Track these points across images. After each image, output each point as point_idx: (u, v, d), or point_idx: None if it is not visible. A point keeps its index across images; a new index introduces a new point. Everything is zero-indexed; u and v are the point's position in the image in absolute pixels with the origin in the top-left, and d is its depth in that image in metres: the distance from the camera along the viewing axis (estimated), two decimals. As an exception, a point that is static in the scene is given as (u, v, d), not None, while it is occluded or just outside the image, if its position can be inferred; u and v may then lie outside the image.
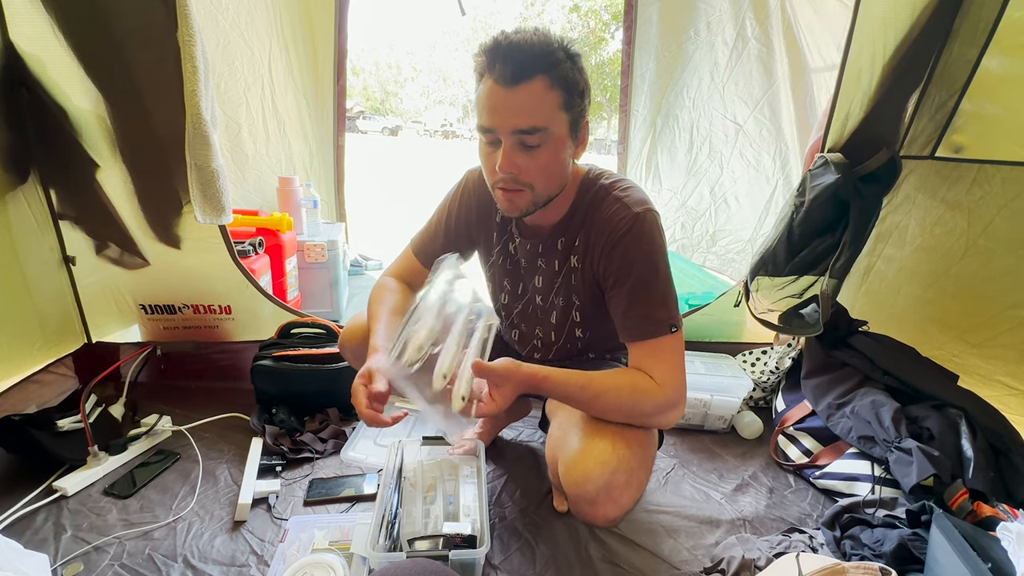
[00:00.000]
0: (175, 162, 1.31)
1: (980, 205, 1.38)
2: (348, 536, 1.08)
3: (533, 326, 1.14)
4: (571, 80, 0.84)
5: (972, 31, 1.28)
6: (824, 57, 1.93)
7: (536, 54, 0.81)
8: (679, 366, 0.91)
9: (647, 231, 0.91)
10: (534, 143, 0.85)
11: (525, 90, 0.81)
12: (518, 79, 0.81)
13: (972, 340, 1.47)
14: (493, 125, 0.85)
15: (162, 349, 1.66)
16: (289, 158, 2.62)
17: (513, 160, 0.86)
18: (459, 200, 1.11)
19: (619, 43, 3.26)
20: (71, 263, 1.48)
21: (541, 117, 0.83)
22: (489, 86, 0.83)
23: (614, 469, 0.85)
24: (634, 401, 0.89)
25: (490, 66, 0.83)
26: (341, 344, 1.23)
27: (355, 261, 3.18)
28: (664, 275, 0.92)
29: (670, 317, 0.90)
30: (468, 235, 1.12)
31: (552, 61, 0.82)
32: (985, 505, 1.09)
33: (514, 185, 0.89)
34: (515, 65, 0.81)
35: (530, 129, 0.84)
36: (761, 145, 2.28)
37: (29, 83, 1.25)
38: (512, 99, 0.82)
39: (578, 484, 0.87)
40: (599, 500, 0.86)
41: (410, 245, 1.17)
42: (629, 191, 0.94)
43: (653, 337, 0.90)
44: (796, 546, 1.10)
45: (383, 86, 30.53)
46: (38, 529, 1.08)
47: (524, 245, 1.06)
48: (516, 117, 0.83)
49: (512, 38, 0.81)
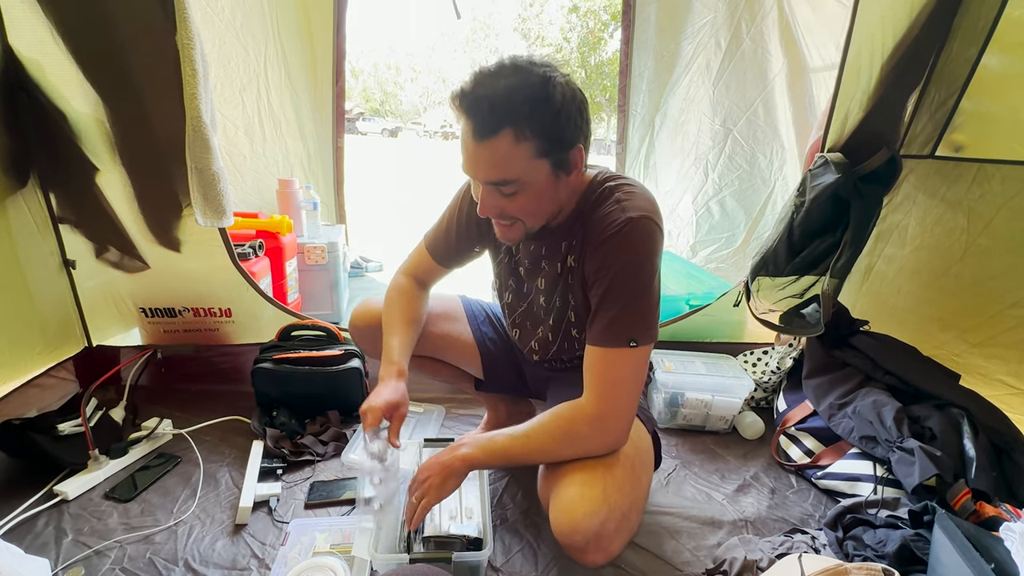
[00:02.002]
0: (174, 165, 1.31)
1: (980, 204, 1.38)
2: (349, 539, 1.07)
3: (535, 326, 1.14)
4: (547, 126, 0.79)
5: (971, 29, 1.28)
6: (823, 56, 1.93)
7: (499, 109, 0.77)
8: (623, 381, 0.87)
9: (635, 238, 0.86)
10: (509, 192, 0.84)
11: (491, 146, 0.79)
12: (483, 135, 0.79)
13: (973, 339, 1.46)
14: (467, 172, 0.87)
15: (162, 352, 1.66)
16: (288, 160, 2.62)
17: (492, 203, 0.86)
18: (469, 199, 1.11)
19: (618, 43, 3.24)
20: (71, 267, 1.48)
21: (510, 171, 0.81)
22: (463, 132, 0.82)
23: (603, 519, 0.82)
24: (569, 431, 0.88)
25: (461, 112, 0.81)
26: (352, 324, 1.27)
27: (355, 263, 3.18)
28: (642, 285, 0.87)
29: (633, 330, 0.85)
30: (478, 232, 1.11)
31: (518, 115, 0.77)
32: (988, 505, 1.09)
33: (503, 220, 0.90)
34: (477, 121, 0.78)
35: (500, 182, 0.83)
36: (755, 146, 2.28)
37: (28, 87, 1.25)
38: (480, 153, 0.81)
39: (567, 536, 0.83)
40: (588, 549, 0.84)
41: (423, 241, 1.18)
42: (632, 196, 0.90)
43: (607, 346, 0.87)
44: (798, 547, 1.09)
45: (382, 87, 30.52)
46: (39, 533, 1.08)
47: (528, 246, 1.06)
48: (485, 171, 0.83)
49: (477, 90, 0.78)
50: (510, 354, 1.29)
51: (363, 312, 1.25)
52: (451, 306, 1.30)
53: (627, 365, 0.87)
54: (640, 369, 0.88)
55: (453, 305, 1.31)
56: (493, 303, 1.34)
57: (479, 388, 1.37)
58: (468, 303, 1.33)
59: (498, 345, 1.29)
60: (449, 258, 1.16)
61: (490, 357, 1.28)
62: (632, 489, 0.89)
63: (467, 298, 1.35)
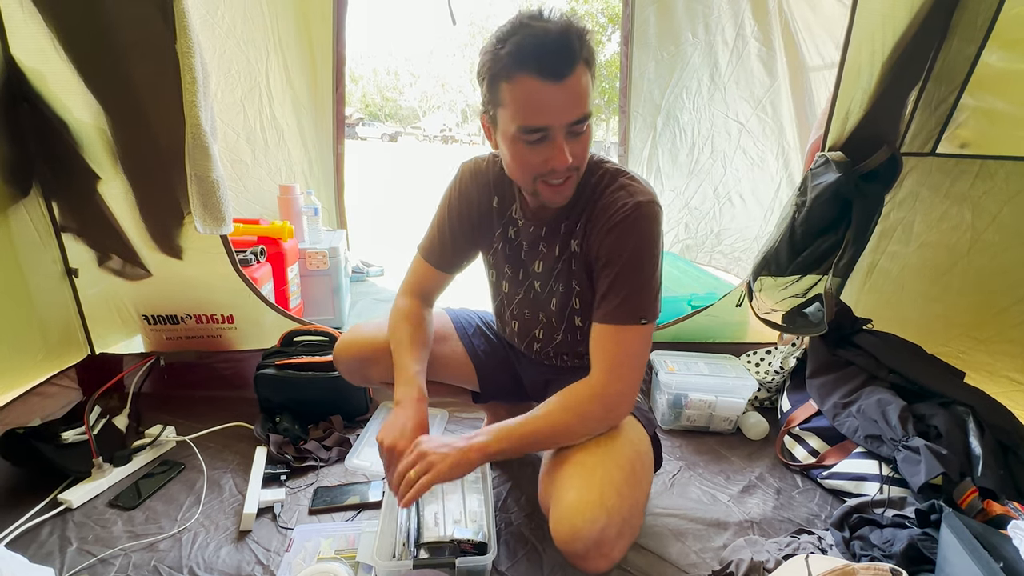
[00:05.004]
0: (176, 173, 1.32)
1: (985, 199, 1.38)
2: (354, 544, 1.07)
3: (535, 313, 1.12)
4: (593, 55, 0.82)
5: (970, 27, 1.28)
6: (823, 55, 1.93)
7: (569, 43, 0.78)
8: (634, 356, 0.91)
9: (645, 221, 0.90)
10: (584, 129, 0.85)
11: (573, 82, 0.79)
12: (565, 73, 0.78)
13: (979, 336, 1.46)
14: (547, 123, 0.82)
15: (165, 359, 1.66)
16: (288, 166, 2.63)
17: (571, 152, 0.84)
18: (457, 193, 1.10)
19: (615, 46, 3.26)
20: (74, 275, 1.49)
21: (588, 103, 0.83)
22: (531, 85, 0.79)
23: (604, 526, 0.81)
24: (582, 410, 0.88)
25: (526, 64, 0.78)
26: (336, 357, 1.21)
27: (357, 268, 3.18)
28: (651, 267, 0.91)
29: (643, 308, 0.90)
30: (471, 227, 1.10)
31: (583, 46, 0.80)
32: (995, 503, 1.08)
33: (570, 171, 0.88)
34: (561, 60, 0.78)
35: (584, 116, 0.83)
36: (764, 143, 2.28)
37: (30, 97, 1.26)
38: (563, 94, 0.80)
39: (567, 543, 0.82)
40: (589, 556, 0.82)
41: (419, 252, 1.15)
42: (637, 180, 0.94)
43: (619, 323, 0.90)
44: (805, 547, 1.09)
45: (382, 92, 30.63)
46: (43, 542, 1.08)
47: (527, 227, 1.04)
48: (571, 111, 0.81)
49: (549, 31, 0.78)
50: (505, 362, 1.27)
51: (349, 343, 1.19)
52: (440, 325, 1.25)
53: (637, 342, 0.91)
54: (647, 345, 0.93)
55: (442, 323, 1.26)
56: (481, 311, 1.32)
57: (476, 400, 1.36)
58: (456, 316, 1.30)
59: (491, 355, 1.27)
60: (448, 261, 1.13)
61: (485, 369, 1.26)
62: (632, 492, 0.88)
63: (453, 310, 1.32)
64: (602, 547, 0.82)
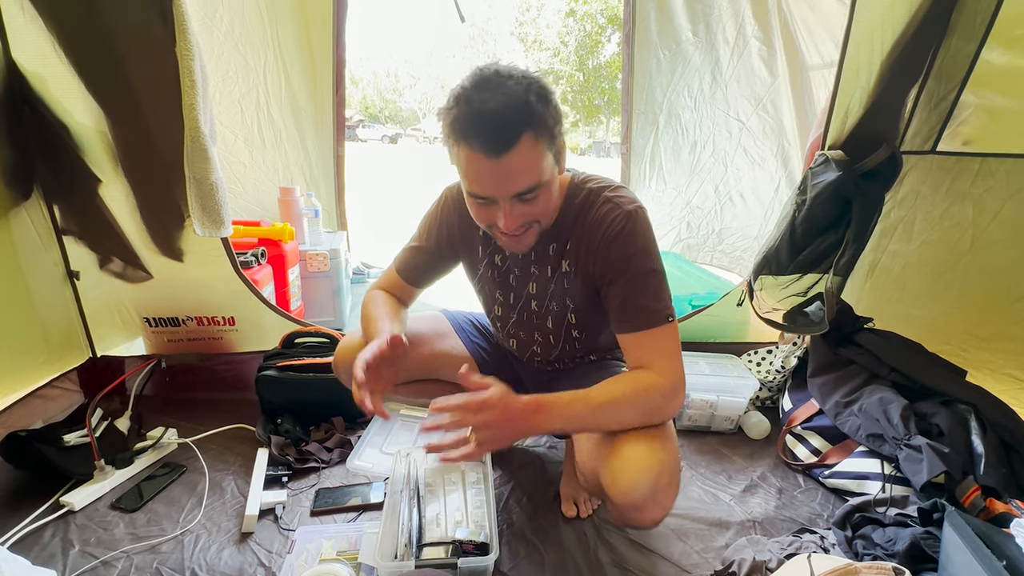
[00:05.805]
0: (176, 176, 1.32)
1: (987, 197, 1.38)
2: (356, 545, 1.07)
3: (531, 333, 1.14)
4: (550, 121, 0.80)
5: (969, 25, 1.27)
6: (822, 54, 1.93)
7: (513, 116, 0.75)
8: (677, 353, 0.93)
9: (641, 227, 0.92)
10: (532, 197, 0.84)
11: (512, 158, 0.77)
12: (503, 148, 0.76)
13: (980, 333, 1.46)
14: (489, 194, 0.82)
15: (167, 362, 1.66)
16: (288, 168, 2.63)
17: (519, 213, 0.85)
18: (439, 218, 1.10)
19: (615, 46, 3.27)
20: (75, 278, 1.49)
21: (536, 174, 0.81)
22: (471, 157, 0.78)
23: (658, 473, 0.85)
24: (646, 398, 0.89)
25: (465, 137, 0.77)
26: (335, 364, 1.21)
27: (357, 269, 3.18)
28: (659, 268, 0.93)
29: (666, 308, 0.92)
30: (451, 250, 1.12)
31: (531, 114, 0.77)
32: (998, 501, 1.08)
33: (521, 228, 0.88)
34: (491, 137, 0.76)
35: (529, 189, 0.82)
36: (764, 142, 2.27)
37: (31, 100, 1.26)
38: (502, 169, 0.78)
39: (626, 493, 0.86)
40: (646, 505, 0.87)
41: (393, 264, 1.17)
42: (619, 191, 0.96)
43: (651, 327, 0.91)
44: (807, 547, 1.09)
45: (382, 94, 30.67)
46: (46, 545, 1.08)
47: (516, 255, 1.05)
48: (512, 184, 0.81)
49: (486, 106, 0.75)
50: (505, 362, 1.28)
51: (349, 349, 1.16)
52: (438, 323, 1.26)
53: (672, 338, 0.93)
54: (679, 340, 0.95)
55: (440, 322, 1.27)
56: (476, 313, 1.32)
57: None
58: (453, 317, 1.30)
59: (492, 355, 1.27)
60: (421, 279, 1.16)
61: (487, 369, 1.25)
62: (673, 447, 0.92)
63: (449, 311, 1.32)
64: (657, 495, 0.86)
